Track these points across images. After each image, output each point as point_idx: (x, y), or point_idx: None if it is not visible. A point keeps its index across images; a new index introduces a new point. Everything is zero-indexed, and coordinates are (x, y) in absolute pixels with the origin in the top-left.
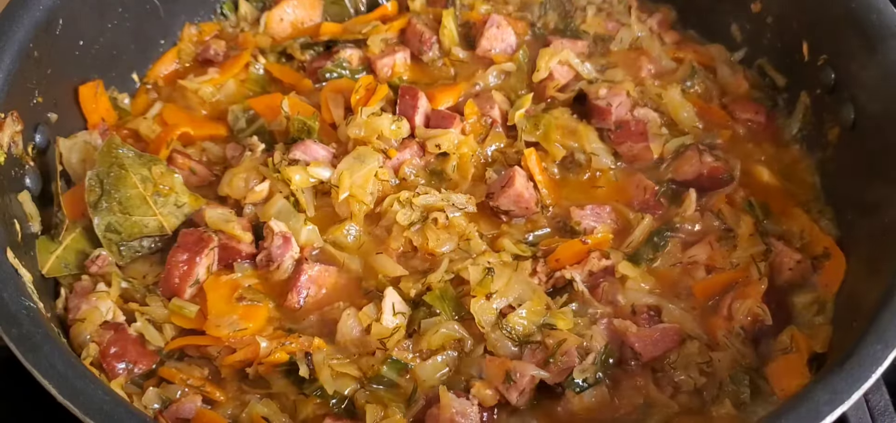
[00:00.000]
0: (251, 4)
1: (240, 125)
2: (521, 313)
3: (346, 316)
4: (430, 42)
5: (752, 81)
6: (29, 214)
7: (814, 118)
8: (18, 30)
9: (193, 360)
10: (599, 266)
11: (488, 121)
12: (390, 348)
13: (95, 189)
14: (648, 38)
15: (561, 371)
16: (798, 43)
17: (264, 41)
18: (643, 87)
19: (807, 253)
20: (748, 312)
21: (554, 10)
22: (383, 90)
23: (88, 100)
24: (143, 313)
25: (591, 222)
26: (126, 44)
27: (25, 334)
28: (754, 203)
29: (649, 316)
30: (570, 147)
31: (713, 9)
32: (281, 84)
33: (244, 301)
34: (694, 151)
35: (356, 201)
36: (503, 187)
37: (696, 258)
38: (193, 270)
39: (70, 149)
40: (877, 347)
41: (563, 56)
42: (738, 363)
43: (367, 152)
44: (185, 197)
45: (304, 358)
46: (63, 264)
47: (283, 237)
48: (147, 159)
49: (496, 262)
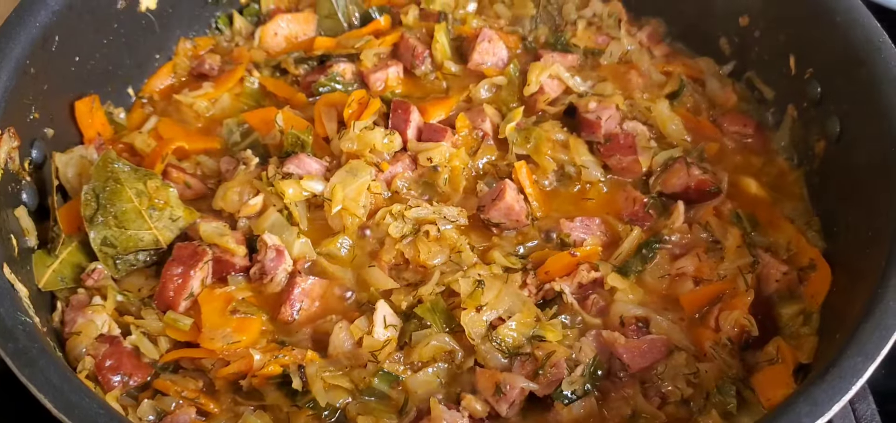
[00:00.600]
0: (246, 19)
1: (234, 139)
2: (511, 326)
3: (339, 329)
4: (422, 56)
5: (740, 94)
6: (25, 228)
7: (801, 131)
8: (15, 47)
9: (188, 372)
10: (589, 278)
11: (480, 134)
12: (382, 360)
13: (91, 203)
14: (638, 52)
15: (550, 383)
16: (785, 57)
17: (259, 55)
18: (632, 100)
19: (793, 265)
20: (735, 323)
21: (545, 24)
22: (376, 104)
23: (84, 115)
24: (139, 326)
25: (581, 234)
26: (121, 59)
27: (21, 349)
28: (742, 215)
29: (637, 328)
30: (561, 160)
31: (702, 22)
32: (275, 98)
33: (238, 314)
34: (682, 164)
35: (349, 214)
36: (494, 200)
37: (684, 270)
38: (188, 283)
39: (66, 163)
40: (857, 359)
41: (553, 70)
42: (724, 374)
43: (360, 166)
44: (180, 211)
45: (297, 371)
46: (59, 277)
47: (276, 251)
48: (142, 174)
49: (487, 274)
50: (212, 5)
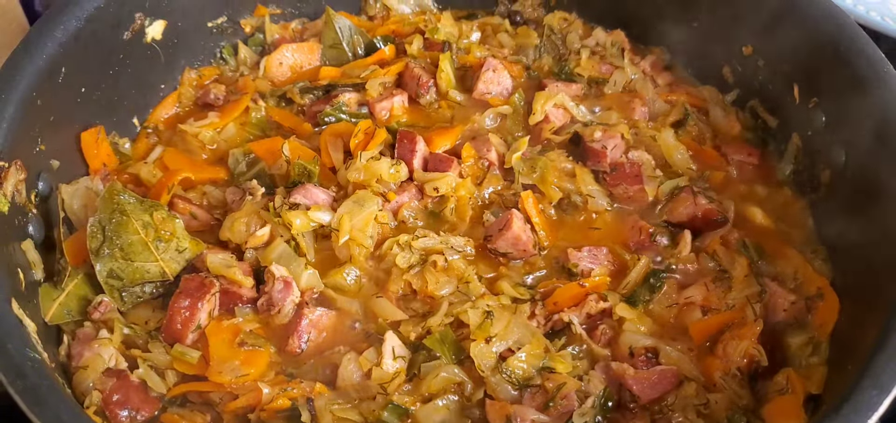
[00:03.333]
0: (251, 49)
1: (240, 169)
2: (521, 357)
3: (347, 361)
4: (427, 85)
5: (744, 123)
6: (32, 261)
7: (806, 160)
8: (22, 78)
9: (196, 406)
10: (597, 308)
11: (485, 164)
12: (391, 392)
13: (97, 235)
14: (641, 81)
15: (560, 415)
16: (789, 85)
17: (264, 85)
18: (637, 129)
19: (801, 294)
20: (744, 353)
21: (549, 53)
22: (382, 134)
23: (90, 146)
24: (146, 359)
25: (588, 263)
26: (127, 89)
27: (31, 386)
28: (748, 244)
29: (647, 358)
30: (567, 189)
31: (705, 51)
32: (281, 128)
33: (246, 346)
34: (688, 194)
35: (356, 245)
36: (501, 230)
37: (692, 299)
38: (195, 315)
39: (72, 195)
40: (872, 392)
41: (558, 99)
42: (734, 405)
43: (367, 196)
44: (187, 242)
45: (306, 404)
46: (66, 310)
47: (284, 282)
48: (148, 205)
49: (495, 305)
50: (217, 35)
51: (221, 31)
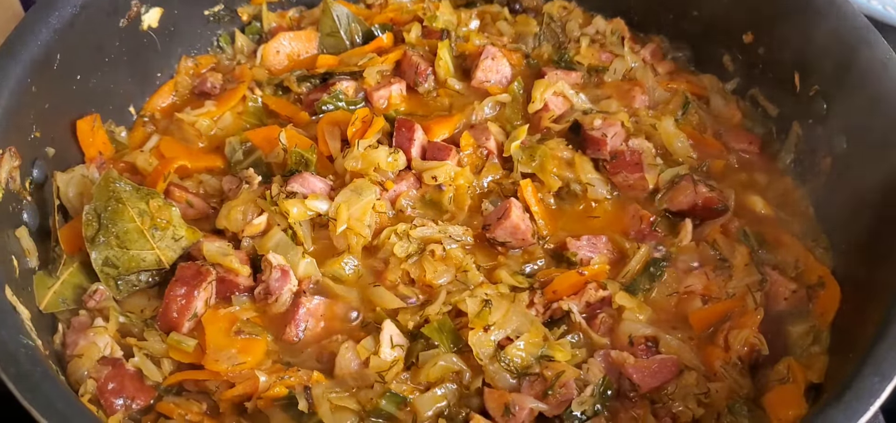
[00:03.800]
0: (247, 37)
1: (237, 157)
2: (519, 345)
3: (345, 349)
4: (425, 73)
5: (744, 111)
6: (26, 249)
7: (806, 148)
8: (16, 65)
9: (192, 394)
10: (596, 297)
11: (484, 152)
12: (389, 381)
13: (93, 223)
14: (642, 69)
15: (559, 403)
16: (790, 73)
17: (261, 74)
18: (637, 117)
19: (801, 283)
20: (745, 342)
21: (548, 41)
22: (380, 123)
23: (86, 134)
24: (141, 347)
25: (588, 252)
26: (123, 77)
27: (24, 373)
28: (749, 233)
29: (647, 347)
30: (566, 178)
31: (705, 40)
32: (278, 116)
33: (242, 335)
34: (689, 182)
35: (354, 234)
36: (499, 219)
37: (693, 288)
38: (191, 303)
39: (67, 183)
40: (874, 379)
41: (557, 87)
42: (735, 394)
43: (364, 185)
44: (183, 230)
45: (303, 392)
46: (60, 299)
47: (281, 270)
48: (144, 193)
49: (494, 294)
50: (213, 24)
51: (218, 19)
